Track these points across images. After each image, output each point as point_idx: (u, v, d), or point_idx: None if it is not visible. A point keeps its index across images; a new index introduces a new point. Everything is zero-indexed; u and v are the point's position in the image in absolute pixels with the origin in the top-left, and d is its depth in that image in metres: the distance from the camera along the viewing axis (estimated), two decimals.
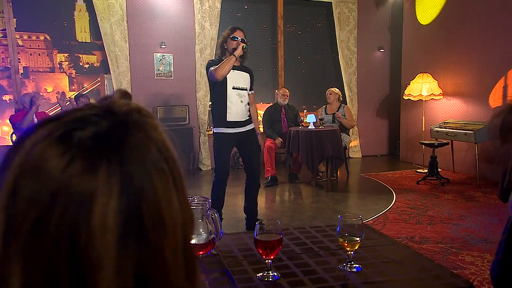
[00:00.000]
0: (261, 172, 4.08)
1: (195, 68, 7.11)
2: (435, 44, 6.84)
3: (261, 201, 5.01)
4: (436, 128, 6.15)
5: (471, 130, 5.60)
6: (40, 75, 6.86)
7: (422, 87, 6.48)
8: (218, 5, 7.11)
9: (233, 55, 3.60)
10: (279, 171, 6.27)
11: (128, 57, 6.79)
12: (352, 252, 1.31)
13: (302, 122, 6.16)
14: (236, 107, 3.74)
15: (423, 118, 6.72)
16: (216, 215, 1.46)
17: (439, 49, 6.77)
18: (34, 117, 5.28)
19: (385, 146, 8.53)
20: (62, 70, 6.95)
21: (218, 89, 3.73)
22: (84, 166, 0.38)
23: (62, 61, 6.94)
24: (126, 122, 0.43)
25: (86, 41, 7.04)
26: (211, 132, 7.64)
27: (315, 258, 1.40)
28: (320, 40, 8.38)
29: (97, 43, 7.03)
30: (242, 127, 3.79)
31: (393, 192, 5.36)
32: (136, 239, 0.40)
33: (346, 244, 1.30)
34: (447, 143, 5.90)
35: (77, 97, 5.63)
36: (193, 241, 1.42)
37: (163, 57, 7.02)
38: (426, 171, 6.27)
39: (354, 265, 1.31)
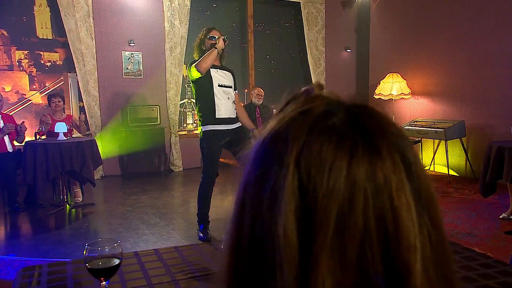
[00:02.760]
0: None
1: (165, 67, 6.91)
2: (403, 45, 7.04)
3: None
4: (406, 127, 6.33)
5: (441, 128, 5.81)
6: None
7: (392, 86, 6.65)
8: (188, 2, 6.96)
9: (215, 48, 3.55)
10: None
11: (95, 55, 6.49)
12: None
13: None
14: (224, 103, 3.68)
15: (393, 117, 6.90)
16: None
17: (406, 50, 6.97)
18: (1, 122, 4.93)
19: None
20: (21, 68, 6.54)
21: (204, 88, 3.65)
22: (368, 154, 0.39)
23: (21, 59, 6.53)
24: (356, 107, 0.44)
25: (48, 37, 6.66)
26: (183, 133, 7.52)
27: None
28: (289, 40, 8.41)
29: (59, 40, 6.68)
30: (231, 124, 3.71)
31: None
32: (426, 215, 0.40)
33: None
34: (419, 141, 6.09)
35: (50, 97, 5.28)
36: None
37: (132, 55, 6.78)
38: None
39: None
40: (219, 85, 3.66)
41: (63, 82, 6.81)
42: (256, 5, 7.85)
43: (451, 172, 6.00)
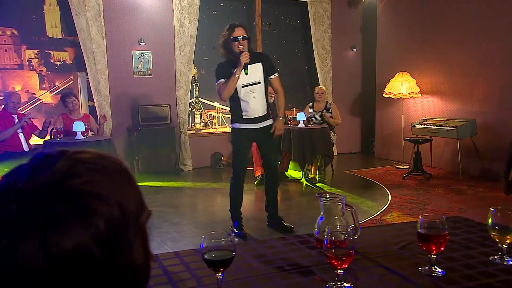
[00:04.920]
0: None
1: (175, 66, 6.91)
2: (411, 44, 7.09)
3: (259, 200, 4.95)
4: (417, 125, 6.37)
5: (452, 127, 5.85)
6: (7, 73, 6.39)
7: (401, 85, 6.69)
8: (197, 1, 6.96)
9: (234, 73, 3.51)
10: None
11: (106, 54, 6.47)
12: (505, 246, 1.31)
13: (291, 121, 6.16)
14: (250, 104, 3.65)
15: (402, 115, 6.95)
16: (353, 210, 1.41)
17: (414, 49, 7.02)
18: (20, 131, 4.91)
19: (358, 143, 8.73)
20: (31, 67, 6.51)
21: None
22: None
23: (31, 58, 6.51)
24: None
25: (57, 37, 6.64)
26: (191, 132, 7.51)
27: (456, 252, 1.38)
28: (295, 39, 8.44)
29: (69, 39, 6.66)
30: (259, 123, 3.70)
31: (385, 188, 5.49)
32: None
33: (503, 238, 1.30)
34: (431, 139, 6.13)
35: (63, 97, 5.26)
36: (330, 238, 1.35)
37: (142, 54, 6.77)
38: (407, 166, 6.50)
39: (507, 259, 1.31)
40: (243, 86, 3.63)
41: (72, 81, 6.78)
42: (263, 4, 7.87)
43: (462, 170, 6.05)
